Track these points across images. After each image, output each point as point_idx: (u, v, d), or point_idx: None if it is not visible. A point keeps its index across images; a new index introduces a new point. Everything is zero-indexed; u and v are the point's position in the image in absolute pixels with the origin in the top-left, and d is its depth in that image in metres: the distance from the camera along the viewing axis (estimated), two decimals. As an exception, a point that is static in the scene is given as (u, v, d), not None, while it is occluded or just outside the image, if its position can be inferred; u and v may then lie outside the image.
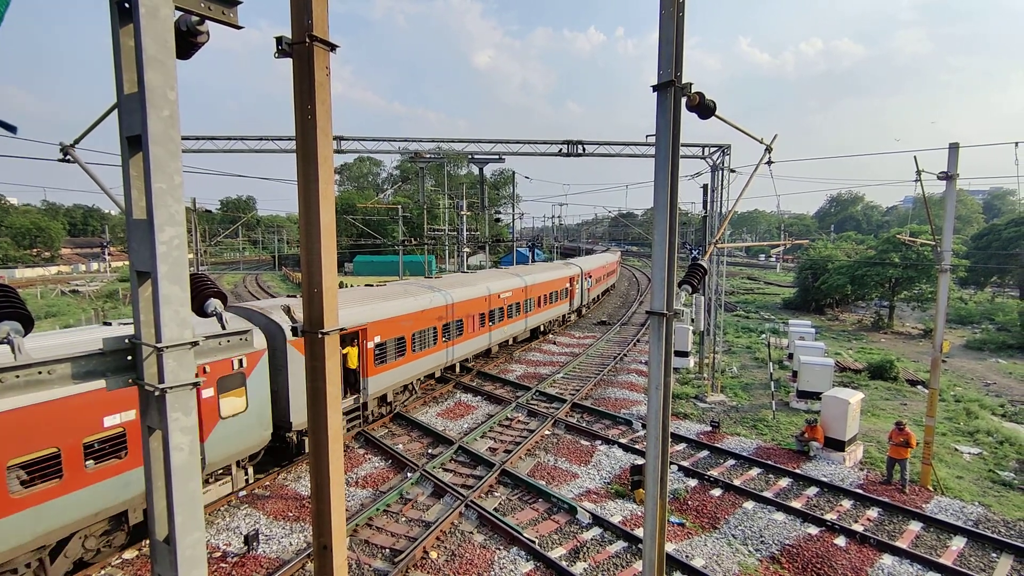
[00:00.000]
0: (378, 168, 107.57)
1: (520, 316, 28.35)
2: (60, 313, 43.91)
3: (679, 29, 5.22)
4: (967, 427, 19.67)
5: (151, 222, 2.85)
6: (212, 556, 10.97)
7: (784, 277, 76.07)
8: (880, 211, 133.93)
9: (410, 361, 19.22)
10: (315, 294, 4.38)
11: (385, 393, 18.20)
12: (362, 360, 16.84)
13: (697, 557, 11.37)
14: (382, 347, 17.65)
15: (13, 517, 8.75)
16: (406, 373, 19.10)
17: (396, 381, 18.57)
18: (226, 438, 12.55)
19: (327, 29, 4.14)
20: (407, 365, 19.07)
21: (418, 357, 19.70)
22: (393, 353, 18.23)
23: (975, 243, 55.45)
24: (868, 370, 25.90)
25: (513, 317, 27.50)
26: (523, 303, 28.41)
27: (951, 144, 13.70)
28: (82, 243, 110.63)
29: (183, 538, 3.04)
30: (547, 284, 31.51)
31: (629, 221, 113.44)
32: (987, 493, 14.74)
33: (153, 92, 2.79)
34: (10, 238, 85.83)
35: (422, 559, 10.99)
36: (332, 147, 4.35)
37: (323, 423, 4.45)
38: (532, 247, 61.51)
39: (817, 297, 47.13)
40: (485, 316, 24.44)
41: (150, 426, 3.11)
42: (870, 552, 11.50)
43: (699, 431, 18.23)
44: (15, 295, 2.98)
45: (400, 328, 18.50)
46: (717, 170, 23.54)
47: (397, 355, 18.45)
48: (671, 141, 5.39)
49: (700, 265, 6.36)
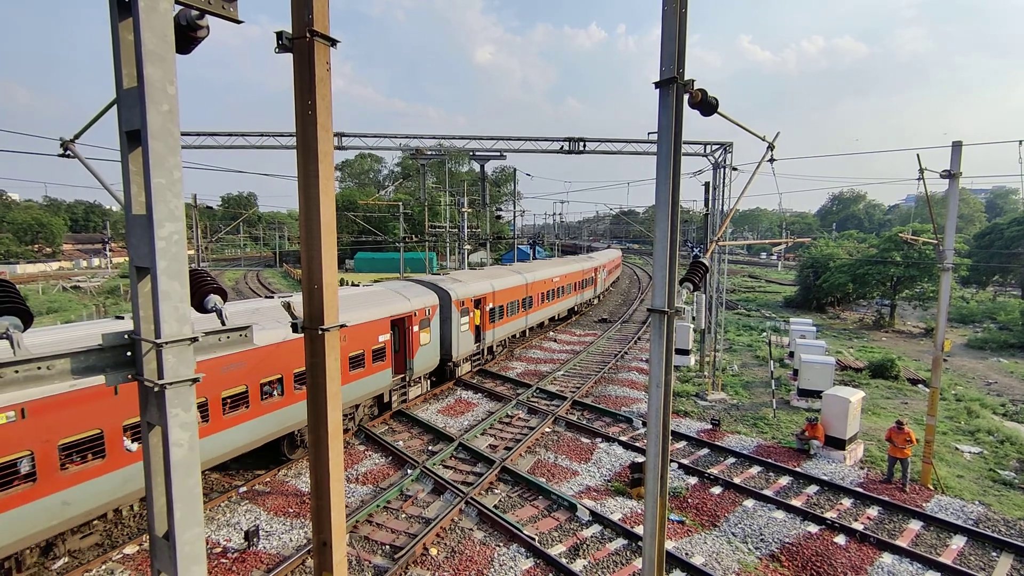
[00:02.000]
0: (379, 165, 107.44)
1: (566, 296, 36.34)
2: (61, 309, 43.99)
3: (682, 26, 5.19)
4: (968, 426, 19.65)
5: (150, 218, 2.84)
6: (212, 552, 11.00)
7: (785, 275, 75.98)
8: (882, 209, 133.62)
9: (508, 322, 27.21)
10: (315, 290, 4.37)
11: (492, 344, 25.64)
12: (483, 319, 24.24)
13: (697, 555, 11.38)
14: (493, 311, 25.25)
15: (259, 419, 13.45)
16: (507, 330, 27.25)
17: (500, 336, 26.54)
18: (422, 358, 19.71)
19: (327, 24, 4.12)
20: (507, 324, 27.11)
21: (512, 320, 27.69)
22: (499, 315, 26.01)
23: (977, 242, 55.31)
24: (869, 369, 25.87)
25: (562, 297, 35.34)
26: (566, 287, 36.10)
27: (954, 142, 13.65)
28: (83, 239, 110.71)
29: (182, 534, 3.04)
30: (580, 273, 39.16)
31: (630, 219, 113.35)
32: (988, 492, 14.73)
33: (152, 87, 2.78)
34: (12, 234, 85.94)
35: (422, 556, 11.01)
36: (333, 143, 4.34)
37: (323, 419, 4.45)
38: (533, 244, 61.51)
39: (818, 295, 47.07)
40: (545, 295, 32.06)
41: (149, 422, 3.11)
42: (870, 551, 11.50)
43: (699, 429, 18.23)
44: (14, 290, 2.97)
45: (503, 298, 26.31)
46: (719, 168, 23.48)
47: (501, 317, 26.21)
48: (673, 138, 5.37)
49: (701, 263, 6.35)
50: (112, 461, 10.22)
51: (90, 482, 9.92)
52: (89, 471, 9.90)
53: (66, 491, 9.57)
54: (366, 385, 16.89)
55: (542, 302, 31.61)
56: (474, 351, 23.85)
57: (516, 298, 27.63)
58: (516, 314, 27.97)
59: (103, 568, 10.49)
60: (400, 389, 18.95)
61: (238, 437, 12.88)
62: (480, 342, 24.22)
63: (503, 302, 26.12)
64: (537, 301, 30.70)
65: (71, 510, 9.69)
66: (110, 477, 10.22)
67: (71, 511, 9.69)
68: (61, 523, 9.60)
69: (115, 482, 10.33)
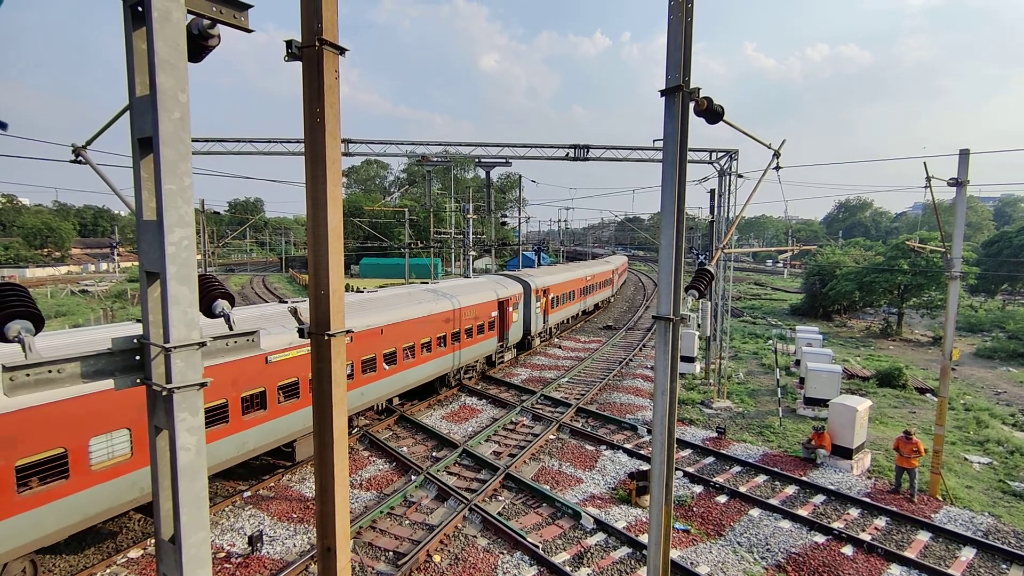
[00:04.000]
0: (385, 171, 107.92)
1: (595, 293, 43.10)
2: (70, 312, 44.31)
3: (687, 34, 5.22)
4: (977, 436, 19.43)
5: (161, 223, 2.87)
6: (216, 556, 11.01)
7: (791, 283, 75.64)
8: (889, 217, 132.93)
9: (562, 308, 34.47)
10: (322, 296, 4.40)
11: (552, 325, 32.82)
12: (547, 305, 30.58)
13: (702, 564, 11.28)
14: (554, 299, 31.90)
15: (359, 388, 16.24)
16: (562, 315, 34.78)
17: (558, 320, 33.89)
18: (513, 332, 26.34)
19: (336, 33, 4.17)
20: (563, 310, 34.50)
21: (565, 307, 35.00)
22: (557, 303, 32.74)
23: (986, 250, 54.90)
24: (876, 377, 25.66)
25: (592, 293, 42.41)
26: (594, 285, 42.78)
27: (961, 150, 13.59)
28: (92, 243, 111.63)
29: (188, 537, 3.05)
30: (603, 274, 46.26)
31: (636, 225, 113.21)
32: (997, 503, 14.55)
33: (164, 94, 2.82)
34: (22, 238, 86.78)
35: (425, 562, 10.97)
36: (340, 150, 4.38)
37: (328, 425, 4.46)
38: (538, 251, 61.48)
39: (825, 303, 46.80)
40: (581, 290, 38.90)
41: (157, 426, 3.13)
42: (878, 562, 11.37)
43: (705, 437, 18.12)
44: (26, 294, 3.01)
45: (559, 290, 32.86)
46: (725, 175, 23.47)
47: (558, 304, 33.01)
48: (679, 146, 5.38)
49: (707, 270, 6.33)
50: (270, 413, 13.48)
51: (258, 427, 13.19)
52: (256, 419, 13.14)
53: (244, 432, 12.84)
54: (485, 347, 23.90)
55: (581, 295, 39.21)
56: (542, 328, 30.80)
57: (567, 291, 34.86)
58: (567, 303, 35.55)
59: (107, 572, 10.51)
60: (500, 353, 25.81)
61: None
62: (546, 323, 31.09)
63: (559, 293, 32.96)
64: (579, 295, 38.27)
65: (248, 446, 13.02)
66: (271, 424, 13.56)
67: (248, 447, 13.02)
68: (241, 455, 12.89)
69: (270, 428, 13.60)
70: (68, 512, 9.55)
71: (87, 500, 9.79)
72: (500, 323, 24.90)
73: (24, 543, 9.02)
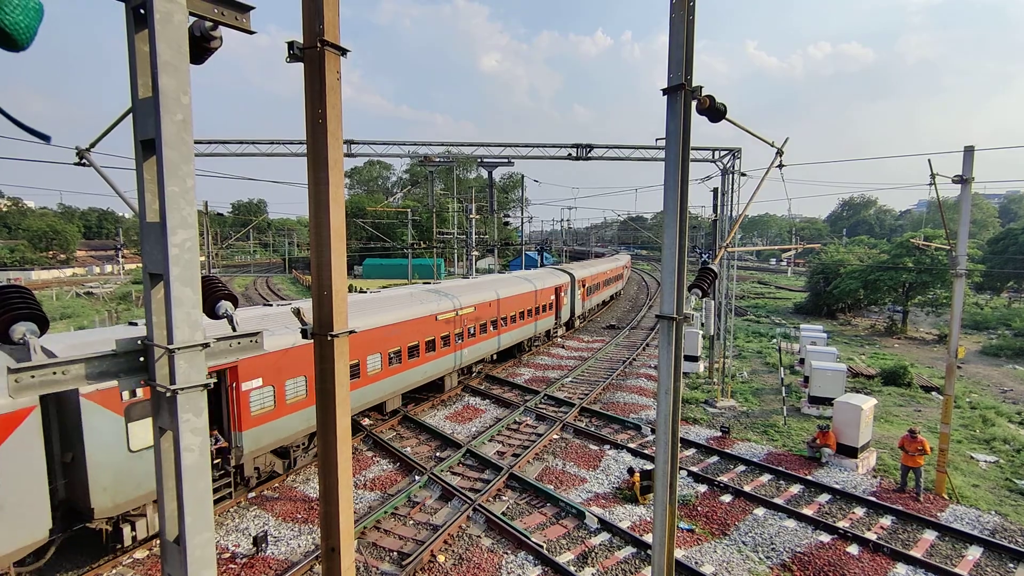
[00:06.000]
0: (388, 172, 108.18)
1: (611, 285, 50.18)
2: (75, 314, 44.51)
3: (689, 33, 5.20)
4: (983, 434, 19.33)
5: (164, 225, 2.88)
6: (221, 557, 11.04)
7: (795, 281, 75.39)
8: (893, 215, 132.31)
9: (594, 296, 41.66)
10: (325, 297, 4.40)
11: (585, 311, 39.49)
12: (584, 294, 37.08)
13: (707, 564, 11.26)
14: (587, 289, 38.33)
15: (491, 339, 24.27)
16: (594, 302, 41.75)
17: (591, 306, 41.22)
18: (564, 311, 33.29)
19: (338, 34, 4.17)
20: (594, 297, 41.79)
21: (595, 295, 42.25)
22: (589, 292, 39.22)
23: (991, 247, 54.57)
24: (881, 376, 25.56)
25: (610, 285, 49.16)
26: (611, 279, 49.64)
27: (966, 147, 13.52)
28: (97, 245, 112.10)
29: (193, 538, 3.06)
30: (616, 269, 52.95)
31: (638, 225, 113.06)
32: (1004, 502, 14.47)
33: (167, 96, 2.83)
34: (27, 240, 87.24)
35: (429, 562, 10.98)
36: (342, 151, 4.38)
37: (332, 425, 4.46)
38: (541, 251, 61.46)
39: (829, 301, 46.62)
40: (603, 282, 45.46)
41: (161, 427, 3.14)
42: (884, 561, 11.32)
43: (709, 436, 18.08)
44: (31, 296, 3.02)
45: (591, 281, 39.83)
46: (727, 173, 23.40)
47: (588, 294, 39.14)
48: (681, 144, 5.36)
49: (710, 269, 6.31)
50: (422, 359, 19.32)
51: (419, 367, 19.21)
52: (417, 361, 19.11)
53: (404, 372, 18.45)
54: (547, 323, 31.00)
55: (604, 287, 45.98)
56: (581, 312, 37.55)
57: (595, 282, 41.79)
58: (597, 292, 42.45)
59: (113, 572, 10.56)
60: (555, 328, 32.58)
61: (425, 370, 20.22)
62: (584, 307, 38.22)
63: (591, 284, 39.85)
64: (602, 285, 45.14)
65: (412, 380, 18.99)
66: (433, 362, 20.07)
67: (411, 380, 18.94)
68: (405, 386, 18.71)
69: (429, 366, 19.88)
70: (308, 418, 14.27)
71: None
72: (556, 305, 31.96)
73: (282, 436, 13.82)
